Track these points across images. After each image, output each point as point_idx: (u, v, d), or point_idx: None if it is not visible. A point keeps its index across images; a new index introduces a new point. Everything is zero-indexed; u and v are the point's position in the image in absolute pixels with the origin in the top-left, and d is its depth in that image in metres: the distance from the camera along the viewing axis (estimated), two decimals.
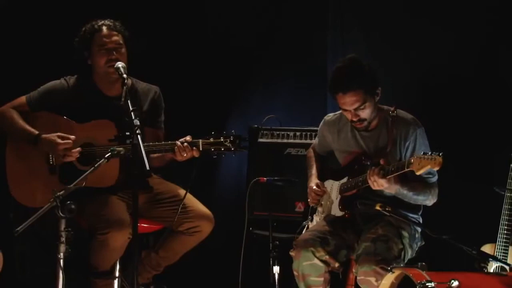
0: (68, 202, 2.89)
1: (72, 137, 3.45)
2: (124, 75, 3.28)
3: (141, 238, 3.61)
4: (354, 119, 3.38)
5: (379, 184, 3.21)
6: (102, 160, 3.01)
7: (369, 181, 3.25)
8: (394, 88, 3.99)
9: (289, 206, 4.18)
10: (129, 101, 3.07)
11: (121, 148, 3.07)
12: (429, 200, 3.38)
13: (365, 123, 3.39)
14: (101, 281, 3.48)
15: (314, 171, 3.67)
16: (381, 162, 3.25)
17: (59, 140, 3.43)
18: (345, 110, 3.38)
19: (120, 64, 3.33)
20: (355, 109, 3.34)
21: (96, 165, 3.00)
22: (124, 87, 3.15)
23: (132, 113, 3.02)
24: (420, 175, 3.28)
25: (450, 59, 4.14)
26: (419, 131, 3.38)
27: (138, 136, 2.94)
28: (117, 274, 3.49)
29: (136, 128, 2.96)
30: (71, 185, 2.95)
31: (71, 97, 3.56)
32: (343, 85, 3.31)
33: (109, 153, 3.03)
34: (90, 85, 3.59)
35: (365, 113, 3.36)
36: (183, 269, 3.79)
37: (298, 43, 4.65)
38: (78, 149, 3.46)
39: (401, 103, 3.52)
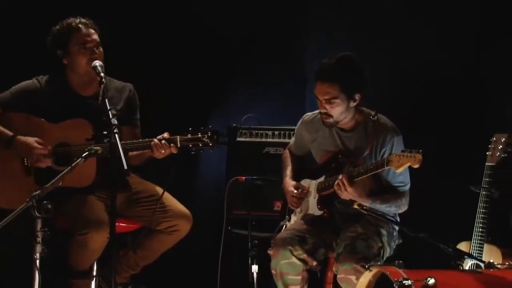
0: (45, 202, 2.86)
1: (49, 147, 3.42)
2: (102, 74, 3.26)
3: (119, 237, 3.59)
4: (322, 111, 3.40)
5: (348, 191, 3.24)
6: (79, 160, 2.98)
7: (336, 189, 3.27)
8: (376, 86, 4.01)
9: (268, 205, 4.19)
10: (106, 100, 3.05)
11: (98, 147, 3.05)
12: (401, 209, 3.41)
13: (331, 120, 3.40)
14: (80, 281, 3.45)
15: (288, 172, 3.67)
16: (341, 176, 3.26)
17: (36, 145, 3.41)
18: (318, 99, 3.40)
19: (97, 63, 3.32)
20: (326, 101, 3.35)
21: (73, 165, 2.97)
22: (102, 86, 3.14)
23: (110, 112, 3.00)
24: (391, 185, 3.31)
25: (432, 59, 4.17)
26: (397, 139, 3.39)
27: (116, 135, 2.93)
28: (94, 273, 3.47)
29: (114, 127, 2.95)
30: (48, 185, 2.93)
31: (44, 97, 3.52)
32: (323, 74, 3.35)
33: (86, 153, 3.01)
34: (63, 84, 3.55)
35: (334, 110, 3.37)
36: (162, 268, 3.78)
37: (278, 43, 4.66)
38: (50, 159, 3.43)
39: (382, 102, 3.53)
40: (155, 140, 3.32)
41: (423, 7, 4.24)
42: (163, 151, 3.31)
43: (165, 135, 3.34)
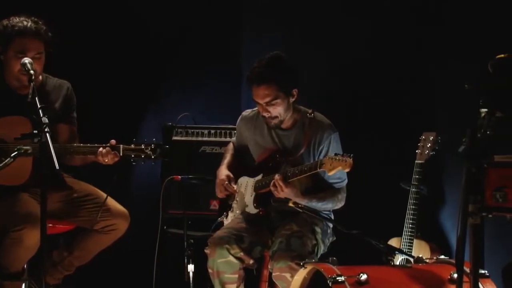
0: None
1: None
2: (31, 71, 3.18)
3: (52, 238, 3.51)
4: (265, 114, 3.42)
5: (285, 192, 3.26)
6: (7, 159, 2.90)
7: (273, 189, 3.29)
8: (311, 85, 4.05)
9: (203, 204, 4.18)
10: (36, 98, 2.97)
11: (28, 147, 2.97)
12: (337, 206, 3.47)
13: (276, 120, 3.43)
14: (10, 283, 3.36)
15: (226, 161, 3.68)
16: (277, 176, 3.28)
17: None
18: (258, 103, 3.41)
19: (26, 60, 3.24)
20: (266, 104, 3.37)
21: (1, 165, 2.89)
22: (32, 84, 3.06)
23: (40, 110, 2.93)
24: (328, 181, 3.37)
25: (366, 58, 4.23)
26: (334, 135, 3.44)
27: (47, 134, 2.86)
28: (25, 275, 3.39)
29: (44, 126, 2.88)
30: None
31: None
32: (257, 77, 3.36)
33: (16, 152, 2.92)
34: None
35: (276, 111, 3.40)
36: (96, 268, 3.71)
37: (214, 42, 4.66)
38: None
39: (317, 100, 3.56)
40: (100, 147, 3.32)
41: (358, 6, 4.31)
42: (106, 160, 3.32)
43: (112, 142, 3.34)
